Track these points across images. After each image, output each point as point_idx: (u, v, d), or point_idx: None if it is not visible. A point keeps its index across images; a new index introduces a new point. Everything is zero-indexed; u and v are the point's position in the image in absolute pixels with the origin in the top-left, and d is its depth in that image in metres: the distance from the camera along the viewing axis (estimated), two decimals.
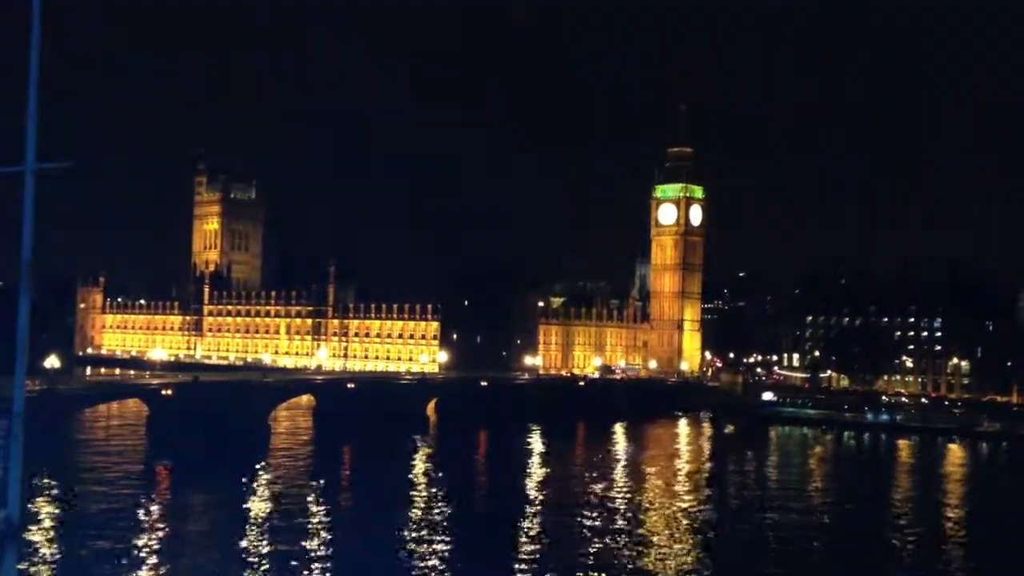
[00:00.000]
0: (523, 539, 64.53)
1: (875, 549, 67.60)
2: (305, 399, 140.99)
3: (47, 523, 63.94)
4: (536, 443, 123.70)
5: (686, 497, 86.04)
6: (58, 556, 55.56)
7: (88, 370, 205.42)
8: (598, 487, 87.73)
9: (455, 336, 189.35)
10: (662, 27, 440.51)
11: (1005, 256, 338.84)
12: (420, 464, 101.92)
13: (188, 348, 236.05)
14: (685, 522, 74.24)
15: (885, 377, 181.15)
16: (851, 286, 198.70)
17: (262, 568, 55.07)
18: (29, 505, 68.16)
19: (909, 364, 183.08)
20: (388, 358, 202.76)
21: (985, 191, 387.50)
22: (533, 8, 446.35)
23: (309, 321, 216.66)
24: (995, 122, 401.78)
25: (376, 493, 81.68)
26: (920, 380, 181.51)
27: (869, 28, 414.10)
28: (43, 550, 56.51)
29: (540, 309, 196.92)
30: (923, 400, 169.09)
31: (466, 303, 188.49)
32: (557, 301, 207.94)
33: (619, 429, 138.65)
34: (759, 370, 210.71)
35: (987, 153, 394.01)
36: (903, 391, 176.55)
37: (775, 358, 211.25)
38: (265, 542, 60.90)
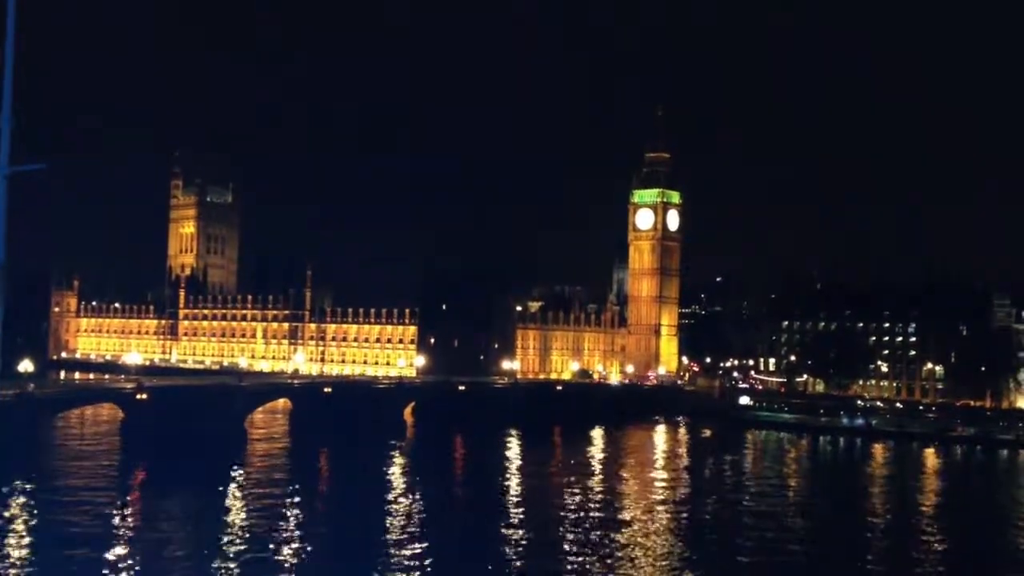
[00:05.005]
0: (500, 545, 64.43)
1: (850, 552, 67.88)
2: (282, 403, 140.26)
3: (20, 528, 63.36)
4: (514, 447, 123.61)
5: (664, 501, 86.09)
6: (31, 561, 55.05)
7: (62, 374, 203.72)
8: (576, 492, 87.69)
9: (432, 340, 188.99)
10: (641, 29, 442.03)
11: (979, 259, 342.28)
12: (397, 468, 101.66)
13: (163, 352, 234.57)
14: (663, 526, 74.36)
15: (860, 381, 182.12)
16: (826, 291, 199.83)
17: (237, 573, 54.74)
18: (3, 511, 67.58)
19: (884, 369, 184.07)
20: (365, 362, 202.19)
21: (959, 194, 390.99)
22: (507, 10, 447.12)
23: (286, 325, 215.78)
24: (972, 126, 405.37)
25: (353, 498, 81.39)
26: (895, 384, 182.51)
27: (843, 32, 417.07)
28: (16, 555, 55.98)
29: (518, 313, 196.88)
30: (898, 404, 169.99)
31: (443, 307, 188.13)
32: (535, 305, 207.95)
33: (597, 434, 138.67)
34: (735, 374, 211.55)
35: (962, 156, 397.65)
36: (873, 395, 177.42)
37: (751, 362, 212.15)
38: (240, 547, 60.52)
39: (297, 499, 78.24)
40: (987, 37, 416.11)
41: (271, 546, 60.19)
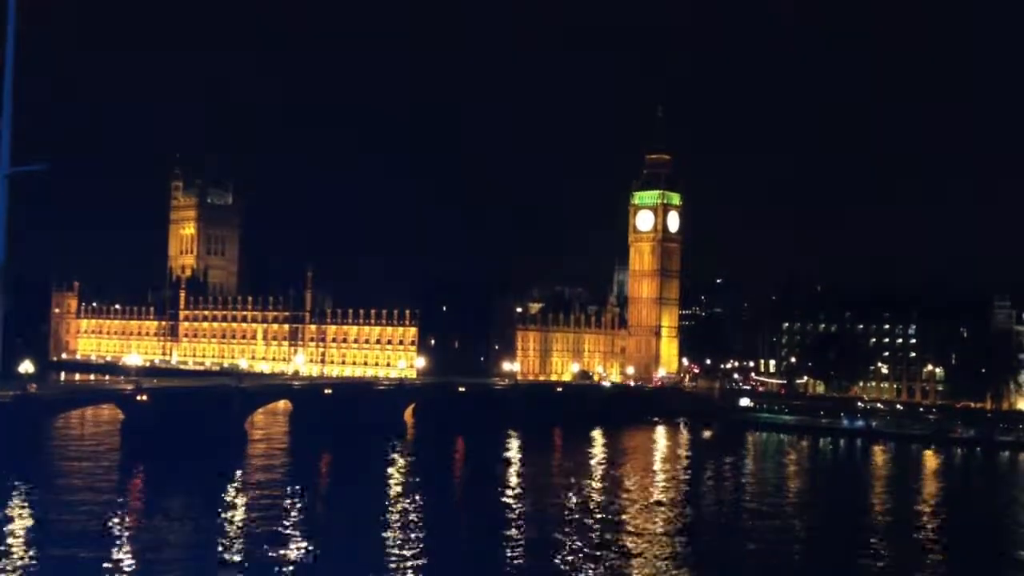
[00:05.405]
0: (500, 545, 64.48)
1: (850, 553, 67.90)
2: (282, 404, 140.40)
3: (20, 528, 63.44)
4: (514, 449, 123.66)
5: (664, 502, 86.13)
6: (31, 561, 55.11)
7: (63, 375, 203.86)
8: (577, 494, 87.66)
9: (433, 342, 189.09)
10: (642, 29, 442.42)
11: (979, 260, 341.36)
12: (398, 470, 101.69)
13: (164, 353, 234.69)
14: (663, 527, 74.40)
15: (861, 383, 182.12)
16: (827, 292, 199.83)
17: (237, 574, 54.77)
18: (2, 511, 67.66)
19: (884, 370, 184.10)
20: (366, 364, 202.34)
21: (958, 194, 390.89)
22: (507, 9, 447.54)
23: (286, 326, 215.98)
24: (971, 125, 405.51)
25: (353, 498, 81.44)
26: (895, 386, 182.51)
27: (844, 32, 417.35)
28: (16, 554, 56.04)
29: (518, 314, 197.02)
30: (898, 406, 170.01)
31: (444, 308, 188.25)
32: (535, 306, 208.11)
33: (597, 435, 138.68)
34: (736, 376, 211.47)
35: (961, 156, 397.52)
36: (873, 397, 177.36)
37: (752, 364, 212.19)
38: (240, 547, 60.57)
39: (297, 499, 78.27)
40: (987, 37, 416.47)
41: (271, 546, 60.19)
